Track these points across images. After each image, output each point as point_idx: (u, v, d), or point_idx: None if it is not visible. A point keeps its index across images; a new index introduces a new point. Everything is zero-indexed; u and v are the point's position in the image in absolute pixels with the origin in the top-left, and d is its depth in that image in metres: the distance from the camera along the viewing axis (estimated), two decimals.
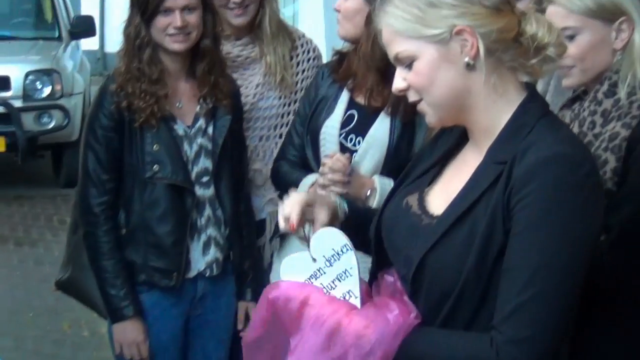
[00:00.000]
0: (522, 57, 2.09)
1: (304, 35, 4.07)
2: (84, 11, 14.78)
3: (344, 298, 2.15)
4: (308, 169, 3.55)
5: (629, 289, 2.52)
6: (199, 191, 3.53)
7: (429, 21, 2.05)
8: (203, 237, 3.56)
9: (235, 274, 3.66)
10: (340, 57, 3.60)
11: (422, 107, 2.14)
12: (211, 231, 3.57)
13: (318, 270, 2.20)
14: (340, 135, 3.50)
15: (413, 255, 2.09)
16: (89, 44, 12.60)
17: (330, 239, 2.19)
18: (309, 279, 2.20)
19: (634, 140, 2.55)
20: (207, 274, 3.58)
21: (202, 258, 3.56)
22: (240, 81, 3.84)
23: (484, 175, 2.05)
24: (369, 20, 3.23)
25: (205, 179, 3.55)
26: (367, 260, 2.33)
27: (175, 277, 3.50)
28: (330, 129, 3.51)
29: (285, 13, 3.62)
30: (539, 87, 3.09)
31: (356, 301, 2.14)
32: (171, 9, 3.40)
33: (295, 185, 3.46)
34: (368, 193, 3.38)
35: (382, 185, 3.38)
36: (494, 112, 2.09)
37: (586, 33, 2.68)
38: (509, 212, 1.97)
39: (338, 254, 2.17)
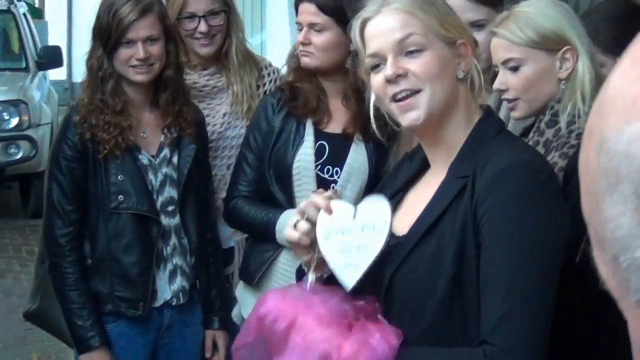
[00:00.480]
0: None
1: (270, 65, 4.08)
2: (51, 41, 14.75)
3: (347, 266, 2.15)
4: (272, 204, 3.49)
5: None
6: (165, 220, 3.53)
7: (448, 27, 2.15)
8: (169, 266, 3.55)
9: (202, 302, 3.66)
10: (292, 91, 3.52)
11: (416, 99, 2.13)
12: (177, 260, 3.57)
13: (349, 230, 2.18)
14: (316, 167, 3.47)
15: (382, 275, 2.11)
16: (56, 74, 12.59)
17: (378, 210, 2.18)
18: (337, 233, 2.18)
19: (571, 170, 2.49)
20: (174, 303, 3.58)
21: (168, 287, 3.56)
22: (207, 111, 3.85)
23: (447, 190, 2.09)
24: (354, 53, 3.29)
25: (170, 208, 3.55)
26: None
27: (142, 307, 3.49)
28: (305, 163, 3.45)
29: (253, 42, 3.65)
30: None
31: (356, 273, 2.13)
32: (133, 41, 3.41)
33: (263, 222, 3.43)
34: None
35: None
36: (460, 128, 2.15)
37: (530, 64, 2.68)
38: (477, 226, 2.00)
39: (375, 227, 2.16)
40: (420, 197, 2.19)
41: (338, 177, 3.46)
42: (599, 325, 2.55)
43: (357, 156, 3.47)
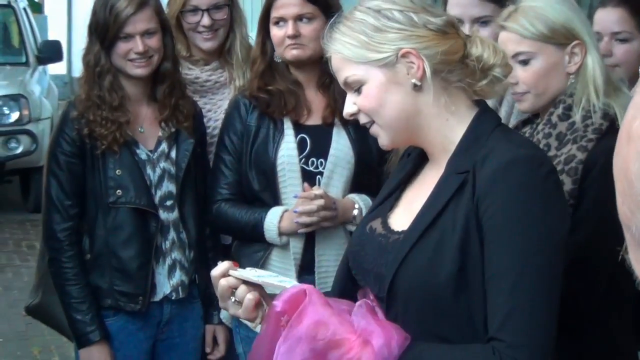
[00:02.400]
0: (469, 77, 2.13)
1: None
2: (51, 36, 14.74)
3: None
4: (256, 204, 3.47)
5: (577, 313, 2.52)
6: (163, 215, 3.52)
7: (375, 46, 2.09)
8: (168, 261, 3.54)
9: (202, 297, 3.65)
10: (266, 97, 3.45)
11: (375, 129, 2.18)
12: (176, 255, 3.56)
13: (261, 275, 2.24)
14: (300, 161, 3.45)
15: (385, 271, 2.09)
16: (56, 68, 12.59)
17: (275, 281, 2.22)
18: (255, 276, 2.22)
19: (590, 163, 2.56)
20: (174, 297, 3.57)
21: (167, 281, 3.55)
22: (209, 106, 3.84)
23: (446, 185, 2.08)
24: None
25: (169, 202, 3.54)
26: None
27: (141, 301, 3.48)
28: (288, 158, 3.43)
29: (253, 37, 3.64)
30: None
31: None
32: (131, 35, 3.40)
33: (250, 223, 3.41)
34: (355, 213, 3.40)
35: (364, 202, 3.40)
36: (447, 129, 2.13)
37: (540, 58, 2.69)
38: (479, 221, 1.99)
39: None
40: (419, 192, 2.18)
41: (323, 169, 3.45)
42: (592, 318, 2.60)
43: (340, 144, 3.45)
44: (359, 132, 3.35)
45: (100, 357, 3.48)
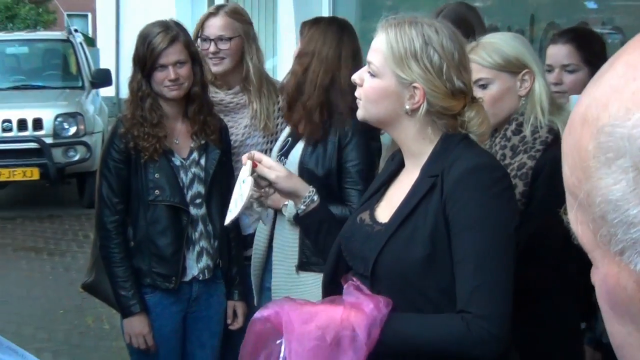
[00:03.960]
0: (452, 125, 2.14)
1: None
2: (103, 65, 14.74)
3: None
4: None
5: (529, 292, 2.51)
6: (193, 211, 3.51)
7: (403, 65, 2.08)
8: (197, 248, 3.53)
9: (225, 278, 3.63)
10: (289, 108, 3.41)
11: (358, 103, 2.21)
12: (203, 243, 3.54)
13: (242, 181, 2.60)
14: (278, 157, 3.39)
15: (369, 255, 2.10)
16: (106, 91, 12.58)
17: (246, 169, 2.59)
18: (238, 182, 2.63)
19: (539, 169, 2.58)
20: (201, 278, 3.55)
21: (196, 265, 3.53)
22: (231, 123, 3.81)
23: (420, 186, 2.09)
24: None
25: (198, 201, 3.53)
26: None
27: (174, 281, 3.47)
28: (273, 153, 3.45)
29: (267, 65, 3.62)
30: None
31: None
32: (165, 65, 3.40)
33: None
34: (285, 202, 3.17)
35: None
36: (421, 144, 2.14)
37: (496, 83, 2.69)
38: (446, 216, 2.01)
39: (244, 181, 2.58)
40: (398, 191, 2.19)
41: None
42: (556, 279, 2.62)
43: (297, 150, 3.33)
44: (315, 148, 3.28)
45: (140, 326, 3.47)
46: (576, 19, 4.85)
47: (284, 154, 3.40)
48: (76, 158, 10.19)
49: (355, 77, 2.20)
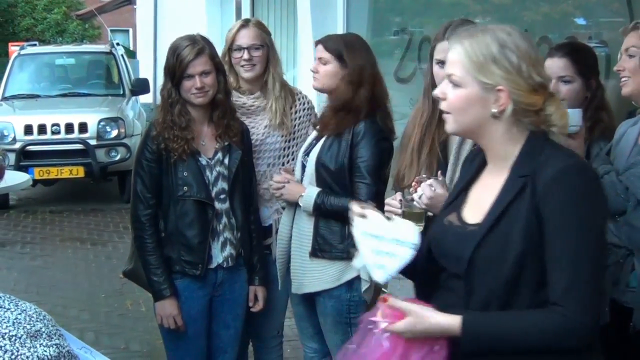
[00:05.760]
0: (536, 123, 2.03)
1: (301, 92, 4.03)
2: (142, 75, 14.77)
3: (374, 265, 2.06)
4: None
5: None
6: (218, 205, 3.51)
7: (485, 70, 1.98)
8: (221, 239, 3.54)
9: (247, 266, 3.64)
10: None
11: (447, 117, 2.08)
12: (227, 234, 3.55)
13: (382, 237, 2.08)
14: (303, 156, 3.55)
15: (464, 254, 2.00)
16: (145, 98, 12.59)
17: (407, 230, 2.09)
18: (367, 233, 2.09)
19: None
20: (225, 266, 3.56)
21: (220, 254, 3.54)
22: (252, 124, 3.82)
23: (511, 186, 1.99)
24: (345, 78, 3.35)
25: (222, 196, 3.53)
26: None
27: (201, 268, 3.48)
28: (299, 153, 3.59)
29: (288, 75, 3.62)
30: None
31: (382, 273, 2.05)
32: (192, 75, 3.42)
33: None
34: (303, 193, 3.41)
35: (309, 191, 3.39)
36: (508, 145, 2.04)
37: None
38: (540, 215, 1.92)
39: (402, 243, 2.07)
40: (484, 192, 2.08)
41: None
42: None
43: (317, 147, 3.46)
44: (332, 143, 3.39)
45: (170, 308, 3.49)
46: (566, 33, 4.83)
47: (307, 153, 3.51)
48: (117, 158, 10.24)
49: (438, 92, 2.07)
